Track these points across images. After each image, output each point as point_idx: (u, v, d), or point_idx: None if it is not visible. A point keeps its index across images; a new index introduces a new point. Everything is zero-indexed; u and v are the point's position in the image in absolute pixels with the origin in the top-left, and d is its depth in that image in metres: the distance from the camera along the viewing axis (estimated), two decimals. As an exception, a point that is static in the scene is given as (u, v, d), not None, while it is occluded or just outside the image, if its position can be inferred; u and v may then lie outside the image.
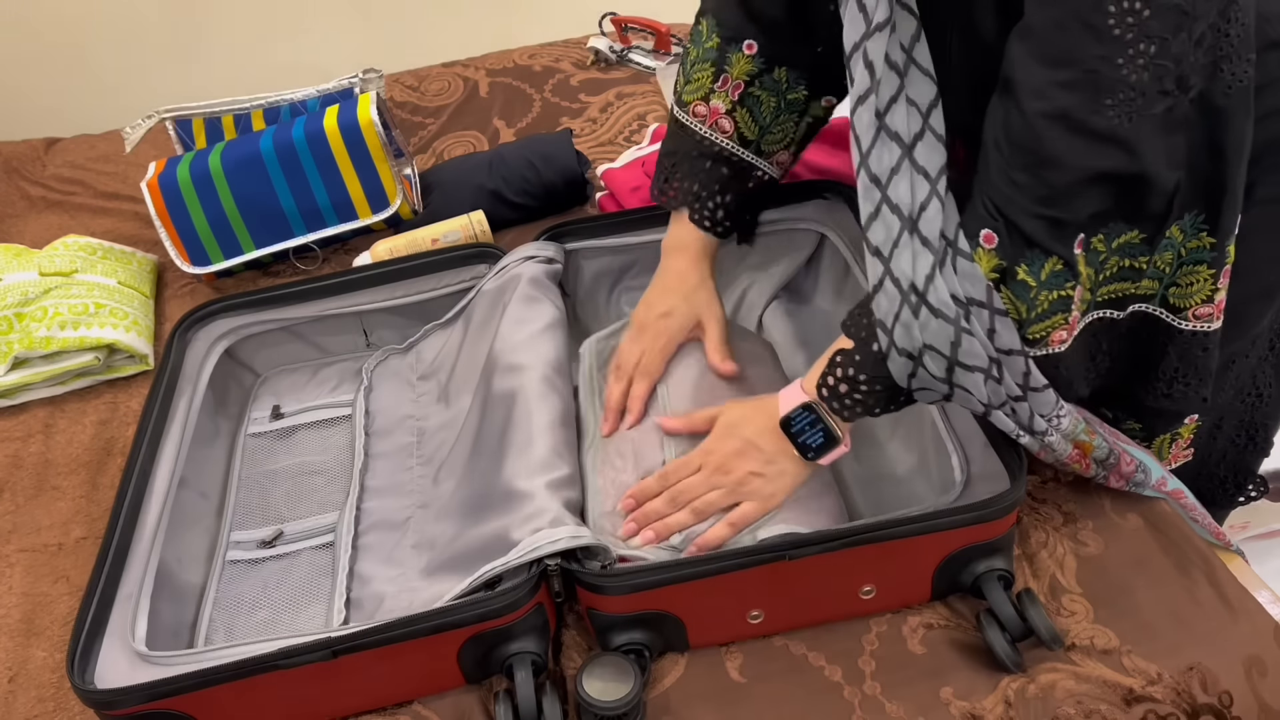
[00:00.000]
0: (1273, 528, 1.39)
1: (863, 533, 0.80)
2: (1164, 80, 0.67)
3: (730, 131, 0.96)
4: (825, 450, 0.84)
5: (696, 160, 0.98)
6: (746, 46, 0.94)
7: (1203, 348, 0.81)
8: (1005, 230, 0.73)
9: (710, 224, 0.99)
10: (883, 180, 0.76)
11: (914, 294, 0.75)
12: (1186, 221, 0.74)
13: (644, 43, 1.76)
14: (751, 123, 0.96)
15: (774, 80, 0.94)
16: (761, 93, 0.95)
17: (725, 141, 0.96)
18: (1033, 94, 0.69)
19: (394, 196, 1.34)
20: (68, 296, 1.25)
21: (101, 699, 0.78)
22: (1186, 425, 0.98)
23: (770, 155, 0.99)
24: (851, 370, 0.81)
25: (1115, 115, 0.67)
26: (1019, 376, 0.76)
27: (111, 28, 2.36)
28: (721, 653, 0.85)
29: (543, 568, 0.81)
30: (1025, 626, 0.79)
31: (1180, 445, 1.00)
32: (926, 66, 0.77)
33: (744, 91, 0.95)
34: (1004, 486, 0.82)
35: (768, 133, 0.97)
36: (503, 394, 0.96)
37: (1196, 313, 0.78)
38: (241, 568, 0.98)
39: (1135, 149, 0.68)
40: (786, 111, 0.96)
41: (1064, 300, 0.73)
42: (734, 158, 0.97)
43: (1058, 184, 0.70)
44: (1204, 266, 0.77)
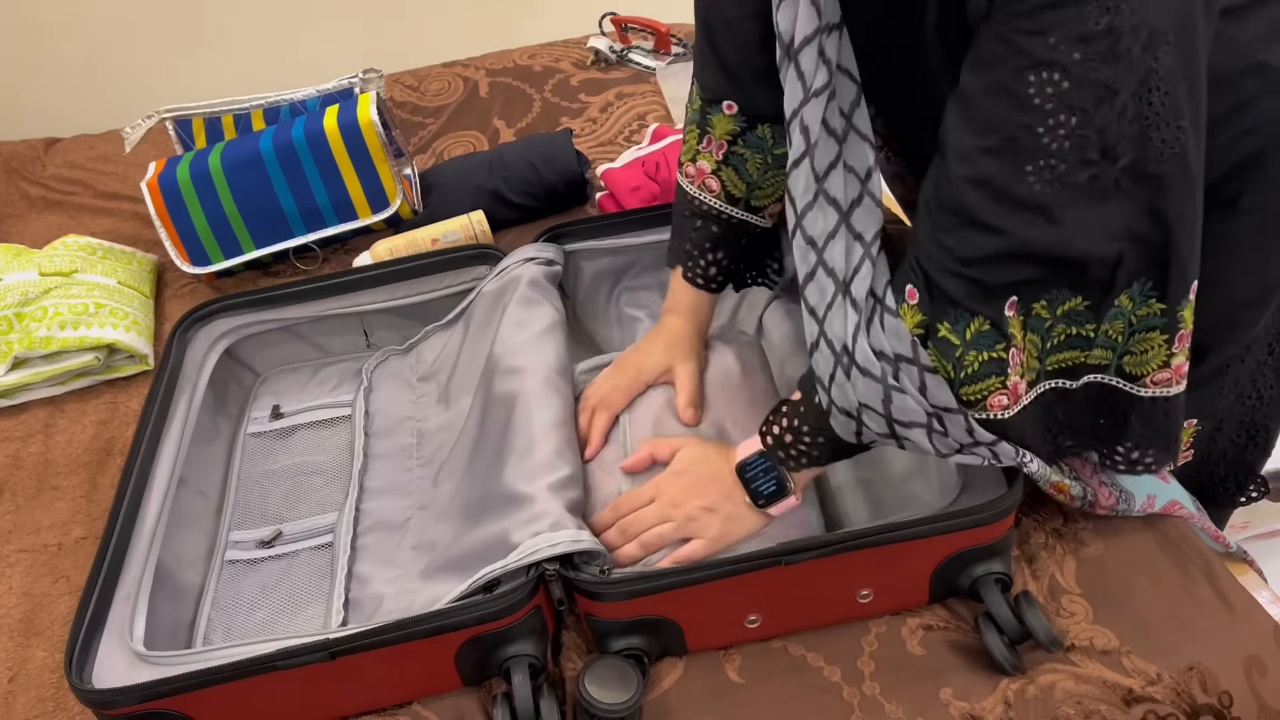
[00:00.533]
0: (1273, 527, 1.39)
1: (859, 537, 0.80)
2: (1086, 150, 0.67)
3: (717, 190, 0.96)
4: (775, 499, 0.84)
5: (687, 220, 0.99)
6: (726, 107, 0.94)
7: (1164, 413, 0.79)
8: (926, 288, 0.73)
9: (702, 281, 1.00)
10: (818, 243, 0.78)
11: (845, 354, 0.76)
12: (1135, 289, 0.73)
13: (644, 43, 1.76)
14: (738, 180, 0.96)
15: (758, 138, 0.94)
16: (746, 151, 0.95)
17: (712, 200, 0.97)
18: (959, 158, 0.70)
19: (394, 196, 1.34)
20: (68, 296, 1.25)
21: (99, 699, 0.78)
22: (1186, 429, 0.98)
23: (762, 210, 0.98)
24: (796, 421, 0.81)
25: (1036, 182, 0.67)
26: (962, 434, 0.75)
27: (111, 28, 2.36)
28: (720, 654, 0.85)
29: (541, 572, 0.81)
30: (1023, 629, 0.79)
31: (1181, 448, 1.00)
32: (865, 132, 0.79)
33: (727, 151, 0.95)
34: (1001, 490, 0.82)
35: (757, 188, 0.96)
36: (503, 397, 0.96)
37: (1154, 379, 0.77)
38: (240, 568, 0.98)
39: (1056, 216, 0.68)
40: (774, 168, 0.96)
41: (996, 362, 0.72)
42: (722, 215, 0.97)
43: (981, 248, 0.70)
44: (1156, 333, 0.75)
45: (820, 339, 0.78)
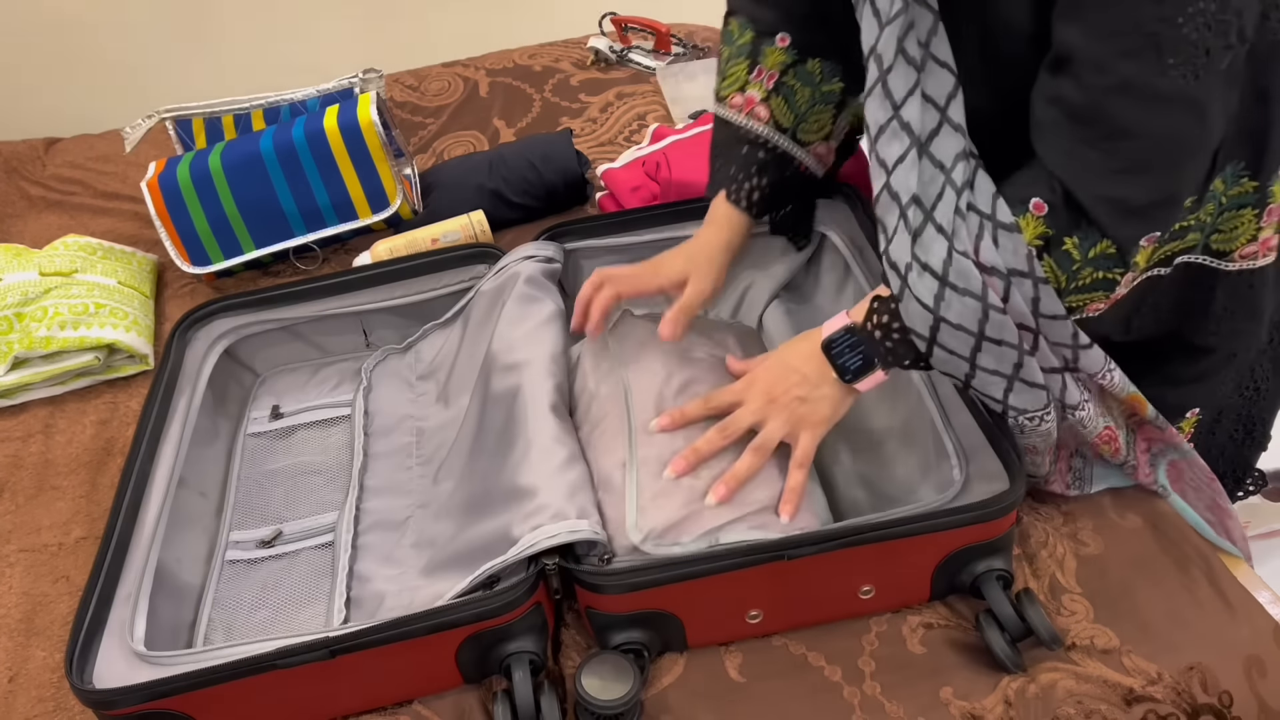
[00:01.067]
0: (1273, 527, 1.40)
1: (861, 532, 0.80)
2: (1228, 34, 0.66)
3: (766, 118, 0.97)
4: (862, 374, 0.83)
5: (734, 146, 1.00)
6: (780, 39, 0.96)
7: (1249, 285, 0.81)
8: (1063, 203, 0.73)
9: (746, 203, 0.99)
10: (889, 166, 0.78)
11: (939, 276, 0.76)
12: (1229, 172, 0.75)
13: (644, 43, 1.76)
14: (787, 110, 0.97)
15: (807, 72, 0.96)
16: (795, 83, 0.96)
17: (760, 127, 0.98)
18: (1094, 69, 0.69)
19: (394, 196, 1.34)
20: (68, 296, 1.25)
21: (99, 699, 0.78)
22: (1187, 419, 0.98)
23: (808, 145, 1.00)
24: (887, 317, 0.81)
25: (1180, 75, 0.67)
26: (1066, 338, 0.77)
27: (111, 28, 2.37)
28: (721, 652, 0.85)
29: (540, 566, 0.81)
30: (1025, 627, 0.79)
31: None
32: (945, 59, 0.78)
33: (778, 81, 0.96)
34: (1003, 486, 0.82)
35: (803, 121, 0.98)
36: (502, 393, 0.96)
37: (1242, 253, 0.79)
38: (240, 568, 0.98)
39: (1204, 108, 0.68)
40: (822, 103, 0.97)
41: (1108, 282, 0.74)
42: (769, 143, 0.98)
43: (1131, 156, 0.70)
44: (1248, 210, 0.77)
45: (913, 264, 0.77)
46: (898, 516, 0.81)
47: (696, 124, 1.43)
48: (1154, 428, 0.88)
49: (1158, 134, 0.69)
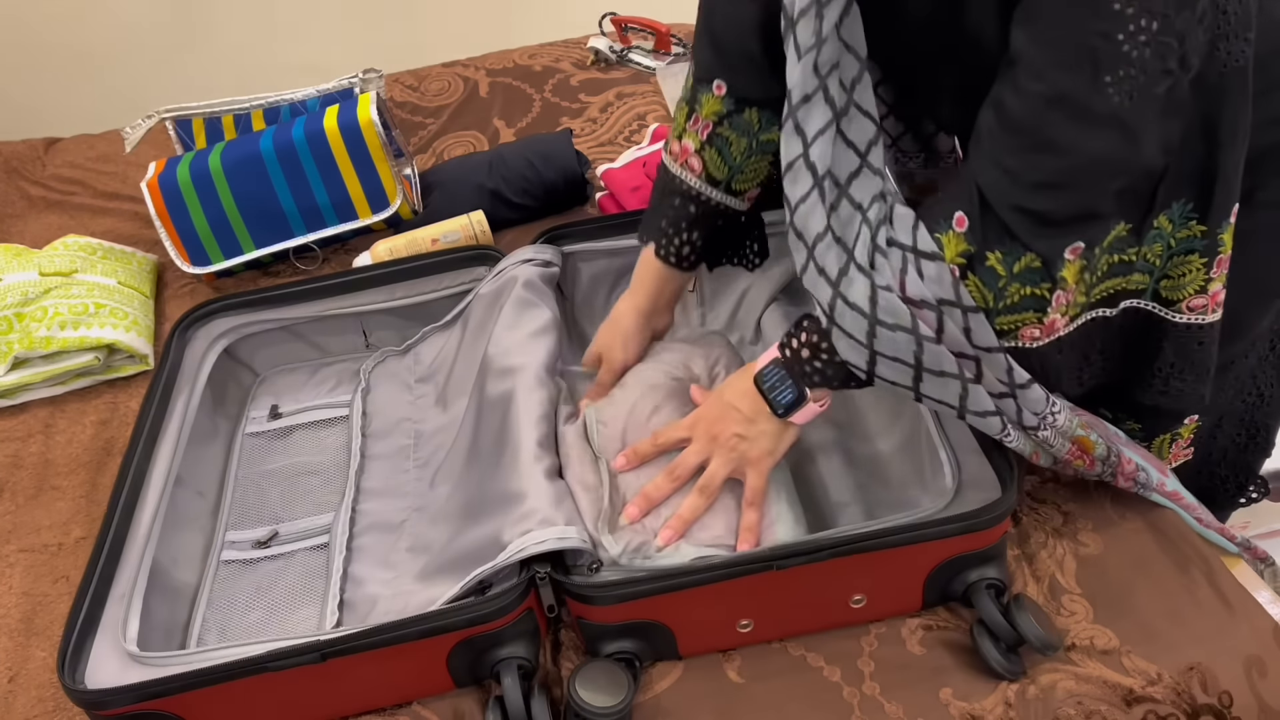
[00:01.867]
0: (1273, 528, 1.39)
1: (851, 542, 0.79)
2: (1167, 58, 0.65)
3: (699, 171, 0.95)
4: (795, 408, 0.83)
5: (667, 197, 0.98)
6: (716, 87, 0.93)
7: (1198, 341, 0.79)
8: (980, 217, 0.72)
9: (675, 259, 0.99)
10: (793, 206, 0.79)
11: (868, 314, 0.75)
12: (1175, 210, 0.73)
13: (644, 43, 1.76)
14: (720, 162, 0.95)
15: (745, 121, 0.93)
16: (731, 133, 0.94)
17: (693, 180, 0.96)
18: (1032, 76, 0.68)
19: (394, 196, 1.34)
20: (68, 296, 1.25)
21: (91, 699, 0.78)
22: (1186, 425, 0.98)
23: (743, 194, 0.98)
24: (816, 338, 0.80)
25: (1115, 94, 0.66)
26: (1002, 373, 0.76)
27: (111, 28, 2.37)
28: (720, 654, 0.85)
29: (531, 574, 0.80)
30: (1018, 635, 0.79)
31: (1180, 445, 0.99)
32: (869, 109, 0.78)
33: (712, 132, 0.94)
34: (995, 495, 0.82)
35: (739, 173, 0.95)
36: (497, 398, 0.96)
37: (1190, 304, 0.77)
38: (236, 568, 0.98)
39: (1135, 132, 0.67)
40: (759, 153, 0.95)
41: (1037, 299, 0.73)
42: (701, 196, 0.96)
43: (1053, 171, 0.69)
44: (1195, 256, 0.75)
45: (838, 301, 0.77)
46: (887, 526, 0.81)
47: (696, 124, 1.43)
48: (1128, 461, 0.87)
49: (1085, 153, 0.68)
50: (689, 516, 0.85)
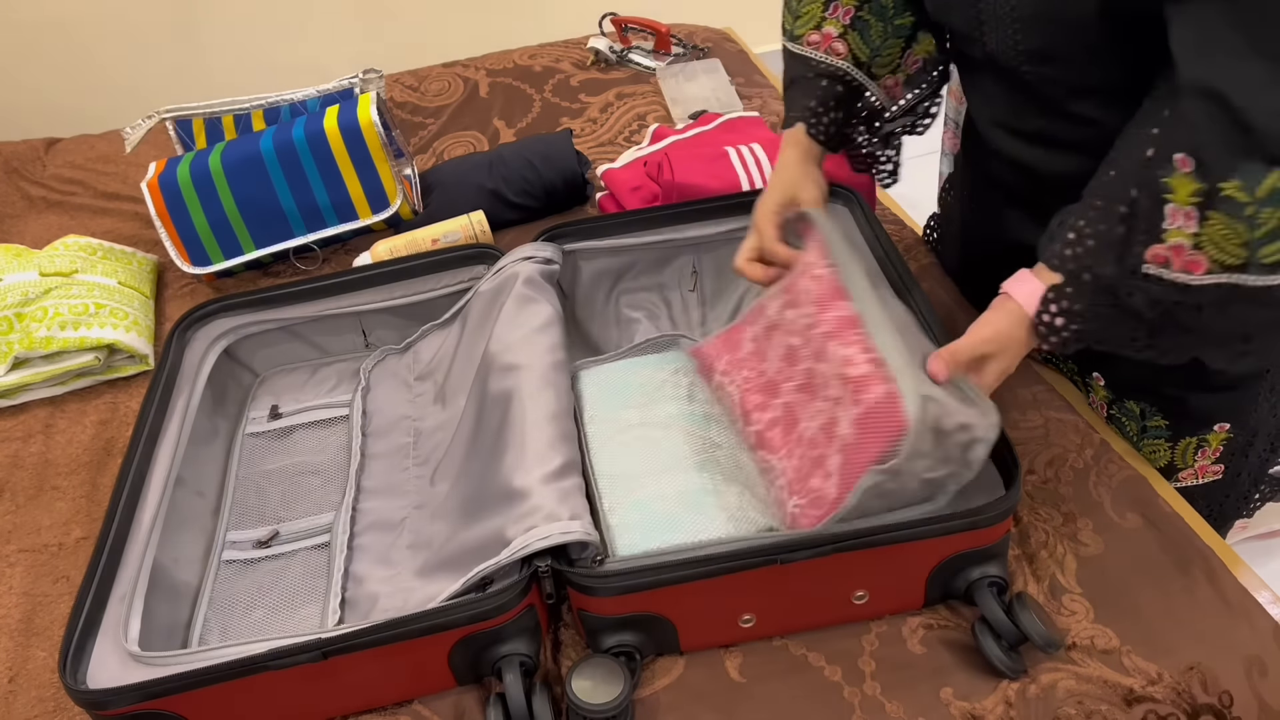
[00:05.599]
0: (1273, 528, 1.39)
1: (855, 537, 0.79)
2: None
3: (844, 53, 0.99)
4: None
5: (813, 80, 1.00)
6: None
7: None
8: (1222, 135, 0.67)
9: (824, 137, 1.01)
10: None
11: None
12: None
13: (644, 43, 1.76)
14: (863, 44, 0.98)
15: (881, 6, 0.97)
16: (870, 18, 0.98)
17: (840, 62, 0.99)
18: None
19: (394, 197, 1.34)
20: (68, 296, 1.25)
21: (92, 699, 0.78)
22: (1215, 433, 0.97)
23: (879, 79, 1.01)
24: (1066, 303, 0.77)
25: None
26: None
27: (111, 28, 2.37)
28: (721, 652, 0.85)
29: (533, 569, 0.80)
30: (1020, 632, 0.79)
31: (1208, 455, 0.99)
32: None
33: (854, 16, 0.98)
34: (998, 493, 0.82)
35: (878, 55, 0.99)
36: (498, 394, 0.96)
37: None
38: (237, 568, 0.98)
39: None
40: (894, 36, 0.98)
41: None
42: (847, 77, 0.99)
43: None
44: None
45: None
46: (891, 522, 0.80)
47: (696, 124, 1.43)
48: None
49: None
50: None
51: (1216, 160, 0.68)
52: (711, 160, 1.29)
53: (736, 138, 1.35)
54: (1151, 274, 0.73)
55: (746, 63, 1.73)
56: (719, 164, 1.29)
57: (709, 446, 0.94)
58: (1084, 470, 0.95)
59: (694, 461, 0.92)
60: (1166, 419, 0.96)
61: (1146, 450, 1.00)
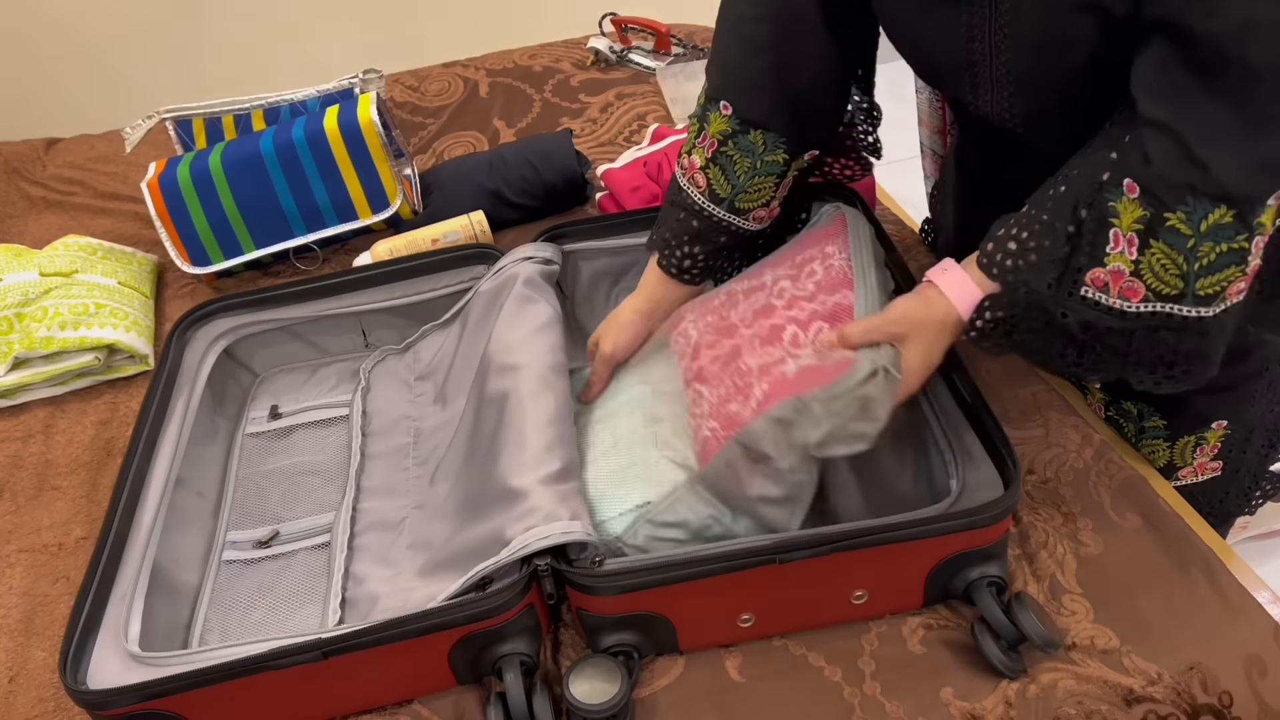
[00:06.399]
0: (1273, 528, 1.39)
1: (854, 536, 0.79)
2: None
3: (703, 187, 0.96)
4: None
5: (671, 209, 0.99)
6: (723, 107, 0.94)
7: None
8: (1153, 179, 0.68)
9: (676, 271, 1.00)
10: None
11: None
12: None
13: (644, 43, 1.76)
14: (724, 180, 0.95)
15: (749, 143, 0.93)
16: (735, 153, 0.94)
17: (697, 196, 0.97)
18: (1204, 16, 0.65)
19: (394, 197, 1.34)
20: (68, 296, 1.25)
21: (93, 699, 0.78)
22: (1214, 430, 0.97)
23: (747, 213, 0.98)
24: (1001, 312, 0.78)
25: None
26: None
27: (111, 28, 2.37)
28: (721, 652, 0.85)
29: (533, 568, 0.81)
30: (1019, 633, 0.79)
31: (1206, 453, 0.99)
32: None
33: (716, 150, 0.95)
34: (997, 493, 0.82)
35: (742, 192, 0.96)
36: (497, 395, 0.96)
37: None
38: (237, 568, 0.98)
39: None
40: (763, 174, 0.95)
41: (1237, 253, 0.69)
42: (704, 212, 0.97)
43: (1266, 101, 0.65)
44: None
45: None
46: (890, 521, 0.80)
47: (696, 124, 1.43)
48: None
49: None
50: None
51: (1165, 192, 0.69)
52: (711, 160, 1.29)
53: (736, 138, 1.35)
54: (1088, 297, 0.74)
55: (746, 63, 1.73)
56: (719, 164, 1.29)
57: (650, 422, 0.95)
58: (1084, 470, 0.95)
59: (630, 439, 0.93)
60: (1164, 419, 0.96)
61: (1145, 450, 1.00)
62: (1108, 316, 0.74)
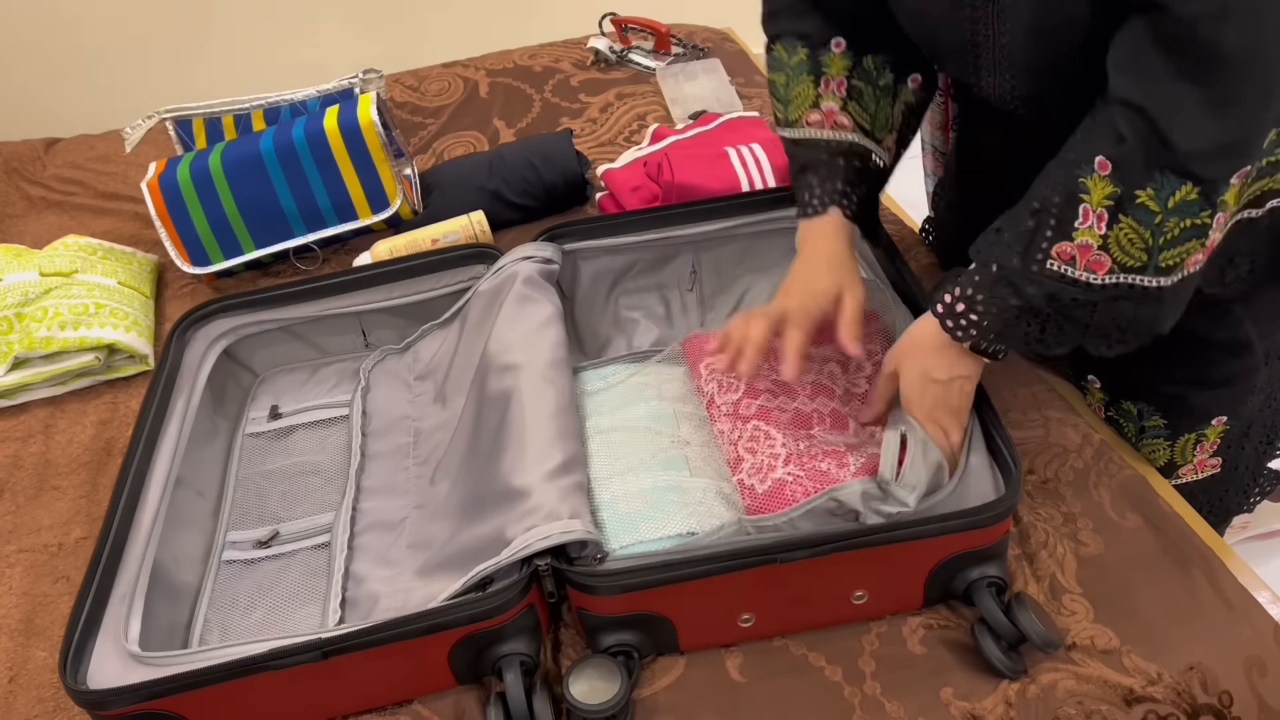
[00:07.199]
0: (1273, 528, 1.39)
1: (854, 536, 0.79)
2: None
3: (850, 125, 0.97)
4: None
5: (829, 161, 0.97)
6: (835, 45, 0.96)
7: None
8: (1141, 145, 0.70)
9: (855, 213, 0.98)
10: None
11: None
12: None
13: (644, 43, 1.76)
14: (863, 112, 0.97)
15: (864, 70, 0.96)
16: (861, 84, 0.96)
17: (850, 135, 0.97)
18: None
19: (394, 197, 1.34)
20: (68, 296, 1.25)
21: (93, 699, 0.78)
22: (1213, 427, 0.97)
23: (881, 142, 1.00)
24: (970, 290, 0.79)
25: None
26: None
27: (111, 28, 2.37)
28: (722, 652, 0.85)
29: (533, 568, 0.80)
30: (1019, 633, 0.79)
31: (1206, 450, 0.99)
32: None
33: (848, 85, 0.96)
34: (998, 493, 0.82)
35: (875, 119, 0.98)
36: (498, 394, 0.96)
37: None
38: (237, 568, 0.98)
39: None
40: (883, 96, 0.97)
41: (1199, 229, 0.72)
42: (860, 148, 0.98)
43: (1228, 85, 0.67)
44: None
45: None
46: (890, 522, 0.80)
47: (696, 124, 1.43)
48: None
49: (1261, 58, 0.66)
50: None
51: (1135, 169, 0.71)
52: (711, 160, 1.30)
53: (736, 138, 1.35)
54: (1053, 270, 0.76)
55: (746, 63, 1.73)
56: (719, 164, 1.29)
57: (678, 444, 0.95)
58: (1084, 470, 0.96)
59: (661, 460, 0.93)
60: (1165, 418, 0.96)
61: (1146, 449, 1.00)
62: (1073, 288, 0.75)
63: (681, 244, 1.14)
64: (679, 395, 1.01)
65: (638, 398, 1.01)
